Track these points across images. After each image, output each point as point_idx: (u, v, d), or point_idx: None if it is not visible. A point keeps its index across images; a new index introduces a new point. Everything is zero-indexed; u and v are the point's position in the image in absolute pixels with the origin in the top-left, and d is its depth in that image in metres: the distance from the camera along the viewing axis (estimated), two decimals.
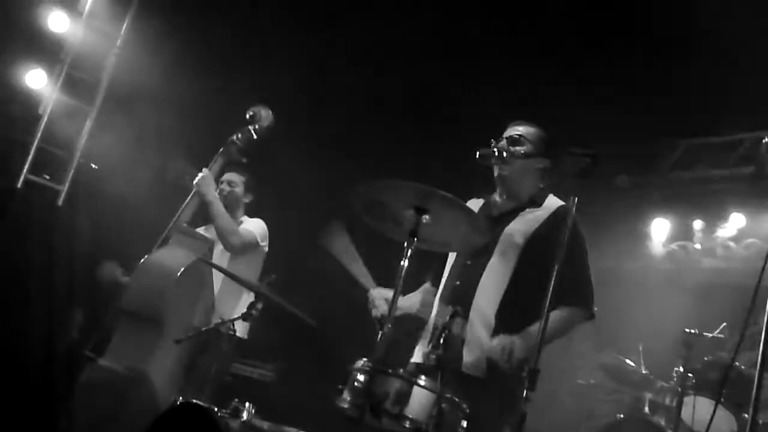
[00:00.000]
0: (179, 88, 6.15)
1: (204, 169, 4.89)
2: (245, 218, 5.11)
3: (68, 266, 6.11)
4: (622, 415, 5.72)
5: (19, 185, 5.89)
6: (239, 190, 5.11)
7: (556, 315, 3.32)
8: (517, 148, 3.66)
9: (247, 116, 4.99)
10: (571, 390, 6.67)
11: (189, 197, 4.88)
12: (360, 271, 3.73)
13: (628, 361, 6.08)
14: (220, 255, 4.89)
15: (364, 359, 3.09)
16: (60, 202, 6.11)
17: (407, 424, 2.96)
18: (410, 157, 6.15)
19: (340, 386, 3.09)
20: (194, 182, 4.86)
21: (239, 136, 4.94)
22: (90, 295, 5.73)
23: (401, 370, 3.07)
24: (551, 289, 2.91)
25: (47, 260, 6.06)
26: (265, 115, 4.99)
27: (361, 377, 3.04)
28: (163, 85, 6.12)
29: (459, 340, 3.36)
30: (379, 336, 2.96)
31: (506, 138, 3.70)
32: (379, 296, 3.65)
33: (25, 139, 6.04)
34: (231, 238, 4.81)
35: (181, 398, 3.59)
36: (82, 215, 6.28)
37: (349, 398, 3.05)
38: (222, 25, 6.19)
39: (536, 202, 3.68)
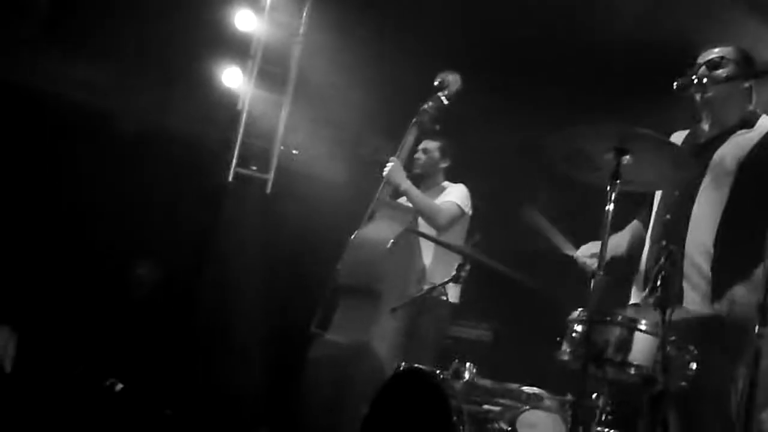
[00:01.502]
0: (364, 66, 6.29)
1: (391, 158, 4.93)
2: (446, 183, 5.13)
3: (283, 251, 6.46)
4: None
5: (230, 179, 6.28)
6: (435, 156, 5.11)
7: None
8: (718, 71, 3.43)
9: (436, 83, 5.01)
10: None
11: (385, 180, 4.95)
12: (559, 240, 3.73)
13: None
14: (425, 222, 4.96)
15: (580, 309, 3.07)
16: (268, 190, 6.44)
17: (632, 372, 2.90)
18: (605, 98, 5.94)
19: (558, 339, 3.09)
20: (384, 174, 4.91)
21: (430, 104, 4.96)
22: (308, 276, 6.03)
23: (620, 317, 3.00)
24: None
25: (265, 247, 6.45)
26: (453, 80, 4.99)
27: (578, 328, 3.03)
28: (348, 64, 6.28)
29: (677, 278, 3.24)
30: (593, 284, 2.91)
31: (705, 63, 3.50)
32: (586, 255, 3.62)
33: (229, 135, 6.43)
34: (436, 219, 4.83)
35: (403, 364, 3.70)
36: (290, 201, 6.60)
37: (568, 350, 3.04)
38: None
39: (747, 123, 3.46)
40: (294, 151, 6.72)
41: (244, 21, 6.42)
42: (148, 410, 5.87)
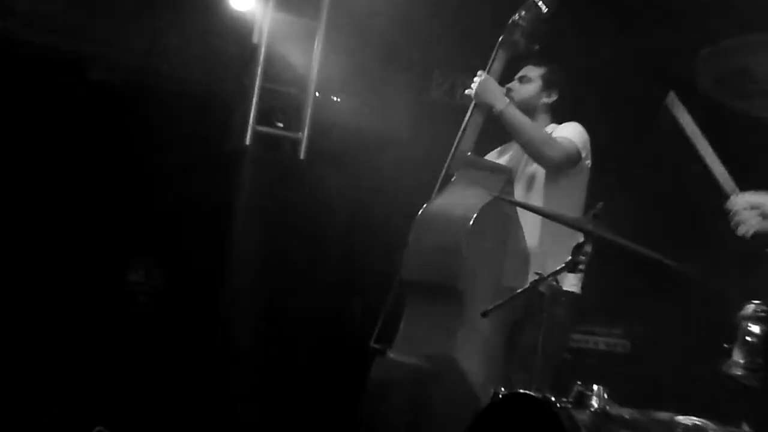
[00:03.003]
0: None
1: (479, 72, 4.86)
2: (553, 126, 5.00)
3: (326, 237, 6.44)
4: None
5: (248, 142, 6.24)
6: (533, 87, 5.01)
7: None
8: None
9: None
10: None
11: (468, 116, 4.89)
12: (717, 167, 3.57)
13: None
14: (525, 187, 4.89)
15: (756, 302, 3.07)
16: (302, 154, 6.41)
17: None
18: None
19: (725, 345, 3.10)
20: (471, 93, 4.86)
21: (522, 14, 4.85)
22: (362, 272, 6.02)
23: None
24: None
25: (301, 232, 6.44)
26: None
27: (755, 328, 3.03)
28: None
29: None
30: None
31: None
32: (743, 205, 3.47)
33: (244, 81, 6.39)
34: (545, 150, 4.71)
35: (503, 388, 3.64)
36: (332, 168, 6.56)
37: (741, 361, 3.06)
38: None
39: None
40: (335, 98, 6.68)
41: None
42: None
